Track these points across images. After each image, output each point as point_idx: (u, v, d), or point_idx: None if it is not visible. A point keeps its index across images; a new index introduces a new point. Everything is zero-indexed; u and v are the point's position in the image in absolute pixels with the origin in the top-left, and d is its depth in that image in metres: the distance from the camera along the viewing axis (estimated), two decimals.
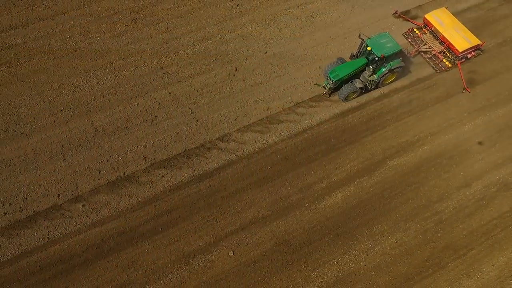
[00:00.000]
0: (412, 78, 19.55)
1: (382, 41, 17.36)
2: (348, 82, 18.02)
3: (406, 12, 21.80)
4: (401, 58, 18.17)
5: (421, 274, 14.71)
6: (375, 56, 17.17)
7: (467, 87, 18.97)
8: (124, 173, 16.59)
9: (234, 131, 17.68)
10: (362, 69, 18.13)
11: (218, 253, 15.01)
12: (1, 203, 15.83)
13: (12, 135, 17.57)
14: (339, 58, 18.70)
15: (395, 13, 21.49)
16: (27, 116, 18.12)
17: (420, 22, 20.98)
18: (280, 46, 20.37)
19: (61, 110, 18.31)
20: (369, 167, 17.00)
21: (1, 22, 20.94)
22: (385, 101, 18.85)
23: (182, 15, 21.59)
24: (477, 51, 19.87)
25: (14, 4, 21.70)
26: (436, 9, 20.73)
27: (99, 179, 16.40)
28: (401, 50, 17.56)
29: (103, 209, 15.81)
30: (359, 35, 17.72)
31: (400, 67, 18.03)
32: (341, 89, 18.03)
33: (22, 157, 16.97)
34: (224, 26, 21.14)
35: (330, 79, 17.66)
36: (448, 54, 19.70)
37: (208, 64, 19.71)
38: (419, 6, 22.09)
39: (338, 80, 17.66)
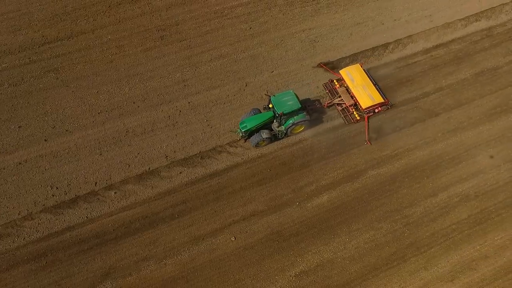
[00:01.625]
0: (399, 99, 22.67)
1: (284, 98, 19.43)
2: (258, 132, 19.89)
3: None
4: (305, 112, 20.10)
5: (387, 265, 17.90)
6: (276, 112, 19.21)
7: (369, 141, 20.78)
8: (149, 168, 20.15)
9: None
10: (271, 121, 20.00)
11: (222, 237, 18.45)
12: (50, 187, 19.55)
13: (58, 131, 21.30)
14: (253, 109, 20.57)
15: (319, 64, 23.14)
16: (70, 116, 21.83)
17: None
18: (285, 67, 23.67)
19: (98, 113, 21.97)
20: (352, 175, 20.23)
21: (50, 35, 24.74)
22: (373, 119, 21.99)
23: (202, 34, 25.07)
24: (384, 107, 21.46)
25: (60, 19, 25.51)
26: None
27: (128, 172, 19.99)
28: (300, 107, 19.32)
29: (131, 197, 19.39)
30: (266, 92, 20.62)
31: (304, 120, 20.00)
32: (251, 138, 19.98)
33: (67, 150, 20.67)
34: (238, 46, 24.55)
35: (240, 130, 19.73)
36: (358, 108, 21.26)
37: (222, 79, 23.15)
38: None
39: (247, 130, 19.62)
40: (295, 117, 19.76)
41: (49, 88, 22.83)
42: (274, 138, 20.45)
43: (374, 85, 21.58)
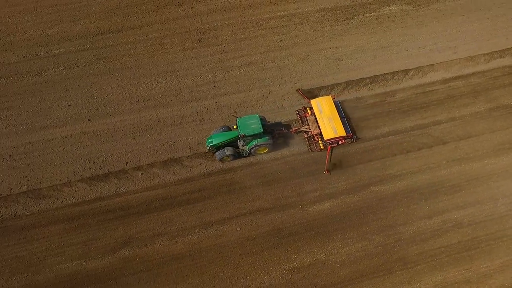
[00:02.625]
0: (407, 125, 24.04)
1: (249, 122, 21.03)
2: (223, 147, 21.56)
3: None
4: (269, 136, 21.53)
5: (374, 274, 19.52)
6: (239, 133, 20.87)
7: (327, 170, 21.78)
8: (174, 156, 22.72)
9: None
10: (236, 139, 21.53)
11: (229, 226, 20.72)
12: (88, 161, 22.54)
13: (100, 113, 24.31)
14: (223, 126, 22.32)
15: (297, 90, 24.32)
16: (112, 101, 24.79)
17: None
18: (307, 80, 25.59)
19: (136, 101, 24.80)
20: (355, 188, 21.91)
21: (103, 27, 27.89)
22: (383, 140, 23.50)
23: (237, 41, 27.40)
24: (348, 140, 22.53)
25: (114, 14, 28.63)
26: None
27: (155, 157, 22.66)
28: (261, 132, 20.77)
29: (155, 179, 22.05)
30: (234, 114, 22.21)
31: (267, 144, 21.48)
32: (216, 153, 21.69)
33: (105, 131, 23.63)
34: (267, 56, 26.70)
35: (207, 145, 21.57)
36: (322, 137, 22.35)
37: (249, 84, 25.38)
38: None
39: (213, 146, 21.39)
40: (258, 139, 21.31)
41: (97, 74, 25.91)
42: (238, 155, 22.00)
43: (342, 118, 22.75)
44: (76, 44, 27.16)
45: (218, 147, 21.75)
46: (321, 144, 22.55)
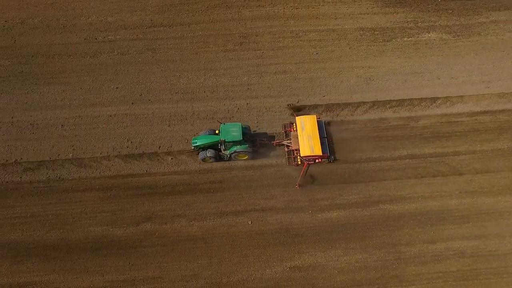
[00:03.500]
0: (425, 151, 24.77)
1: (231, 129, 22.65)
2: (206, 149, 23.07)
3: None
4: (249, 145, 22.91)
5: (369, 286, 20.68)
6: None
7: (299, 185, 22.86)
8: None
9: None
10: (218, 143, 22.95)
11: (242, 219, 22.58)
12: (127, 140, 25.16)
13: (143, 99, 26.87)
14: (209, 129, 23.71)
15: (289, 105, 25.46)
16: (154, 89, 27.28)
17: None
18: (336, 95, 26.87)
19: (176, 92, 27.17)
20: (364, 202, 23.07)
21: (156, 20, 30.50)
22: (399, 162, 24.40)
23: (275, 49, 29.11)
24: (324, 160, 23.35)
25: (167, 9, 31.19)
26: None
27: (185, 145, 24.87)
28: (241, 140, 22.27)
29: (182, 165, 24.29)
30: (219, 120, 23.52)
31: (246, 151, 22.85)
32: (200, 153, 23.22)
33: (145, 116, 26.16)
34: (301, 66, 28.22)
35: (192, 144, 23.21)
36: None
37: (280, 91, 27.04)
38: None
39: (196, 146, 23.02)
40: (238, 146, 22.81)
41: (145, 63, 28.53)
42: (219, 158, 23.52)
43: (323, 138, 23.63)
44: (131, 33, 29.92)
45: (202, 148, 23.39)
46: (298, 160, 23.64)
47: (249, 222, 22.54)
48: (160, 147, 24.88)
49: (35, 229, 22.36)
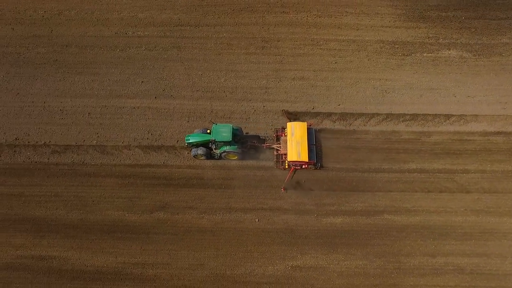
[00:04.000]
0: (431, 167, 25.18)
1: (222, 129, 23.76)
2: (198, 146, 24.33)
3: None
4: (238, 146, 24.01)
5: None
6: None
7: (284, 188, 23.86)
8: None
9: None
10: (209, 142, 24.12)
11: (249, 216, 23.65)
12: (147, 131, 26.59)
13: (165, 94, 28.25)
14: (204, 128, 24.93)
15: (283, 110, 26.42)
16: (177, 86, 28.63)
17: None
18: (351, 105, 27.57)
19: (196, 90, 28.46)
20: (369, 211, 23.76)
21: (184, 19, 31.84)
22: (407, 175, 24.94)
23: (295, 55, 30.01)
24: (311, 166, 24.26)
25: (195, 9, 32.49)
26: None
27: None
28: (230, 141, 23.43)
29: (197, 160, 25.53)
30: (211, 120, 24.89)
31: (235, 152, 23.97)
32: (192, 149, 24.57)
33: (166, 110, 27.53)
34: (319, 74, 29.02)
35: (185, 141, 24.51)
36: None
37: (296, 97, 27.94)
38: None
39: (189, 143, 24.38)
40: (228, 146, 23.93)
41: (170, 60, 29.92)
42: (210, 156, 24.77)
43: (311, 145, 24.48)
44: (159, 30, 31.38)
45: (195, 145, 24.63)
46: (286, 164, 24.46)
47: (256, 220, 23.58)
48: (178, 141, 26.18)
49: (58, 208, 24.05)
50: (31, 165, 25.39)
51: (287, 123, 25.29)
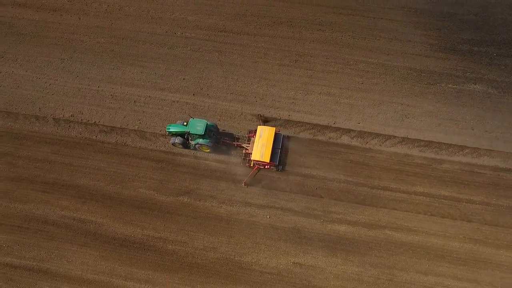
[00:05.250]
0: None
1: (197, 123, 26.50)
2: (177, 136, 27.22)
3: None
4: (210, 140, 26.59)
5: None
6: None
7: (245, 183, 26.36)
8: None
9: None
10: (185, 133, 26.83)
11: (262, 212, 26.33)
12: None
13: (202, 93, 31.36)
14: (184, 120, 27.69)
15: (259, 115, 28.86)
16: (213, 86, 31.68)
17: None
18: (369, 124, 29.55)
19: (230, 93, 31.39)
20: (372, 224, 25.79)
21: (228, 26, 34.78)
22: (413, 197, 26.68)
23: (325, 71, 32.28)
24: (272, 167, 26.60)
25: (239, 18, 35.39)
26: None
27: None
28: (202, 134, 26.13)
29: (223, 156, 28.44)
30: (189, 114, 27.83)
31: (207, 145, 26.69)
32: (172, 138, 27.47)
33: (201, 107, 30.63)
34: (345, 92, 31.15)
35: (166, 130, 27.52)
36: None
37: (320, 111, 30.22)
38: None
39: (169, 132, 27.37)
40: (201, 139, 26.63)
41: (210, 62, 33.05)
42: (186, 146, 27.74)
43: (277, 148, 26.93)
44: (204, 34, 34.59)
45: (174, 134, 27.67)
46: (252, 162, 26.94)
47: (268, 216, 26.24)
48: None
49: (99, 180, 27.78)
50: (81, 140, 29.33)
51: (258, 126, 27.83)
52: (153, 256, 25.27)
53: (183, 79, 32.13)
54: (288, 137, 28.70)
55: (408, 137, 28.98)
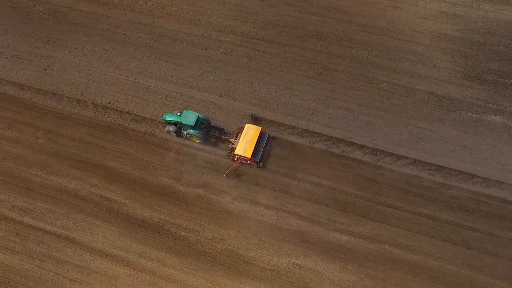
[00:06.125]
0: None
1: (189, 115, 28.63)
2: (171, 125, 29.60)
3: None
4: (200, 132, 28.58)
5: None
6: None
7: (226, 174, 28.48)
8: None
9: None
10: (178, 123, 29.14)
11: (270, 212, 28.18)
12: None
13: (229, 95, 33.40)
14: (179, 110, 30.19)
15: (250, 113, 30.93)
16: (239, 90, 33.61)
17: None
18: (384, 143, 30.63)
19: (255, 98, 33.30)
20: (373, 238, 27.06)
21: (260, 34, 36.66)
22: (417, 217, 27.71)
23: (347, 87, 33.61)
24: (254, 163, 28.30)
25: (271, 27, 37.21)
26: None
27: None
28: (193, 126, 28.19)
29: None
30: (185, 107, 30.22)
31: (197, 136, 28.82)
32: (167, 126, 29.80)
33: (226, 108, 32.71)
34: (364, 109, 32.37)
35: (163, 118, 29.84)
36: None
37: (337, 124, 31.62)
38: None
39: (165, 121, 29.82)
40: (192, 130, 28.61)
41: (239, 66, 35.12)
42: (179, 135, 30.27)
43: (260, 146, 28.85)
44: (237, 39, 36.71)
45: (169, 123, 30.06)
46: (235, 157, 28.85)
47: (275, 218, 28.06)
48: (225, 137, 31.35)
49: (126, 164, 30.53)
50: (115, 126, 32.20)
51: (246, 124, 29.83)
52: (166, 240, 27.69)
53: (213, 80, 34.39)
54: (273, 139, 30.65)
55: (420, 159, 29.92)
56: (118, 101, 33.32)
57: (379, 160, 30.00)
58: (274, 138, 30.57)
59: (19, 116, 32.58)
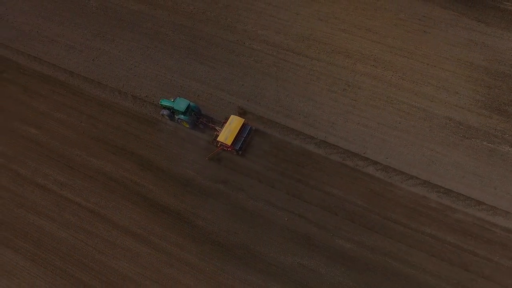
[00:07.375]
0: None
1: (181, 102, 32.11)
2: (165, 110, 33.19)
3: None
4: (189, 118, 32.13)
5: None
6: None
7: (208, 158, 31.97)
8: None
9: None
10: (170, 108, 32.57)
11: (281, 214, 30.44)
12: None
13: (255, 100, 35.95)
14: (176, 97, 33.51)
15: (238, 107, 34.24)
16: (265, 97, 36.07)
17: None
18: (397, 161, 32.27)
19: (279, 106, 35.66)
20: (375, 249, 28.81)
21: (290, 45, 38.97)
22: (420, 235, 29.23)
23: (368, 105, 35.33)
24: (233, 151, 31.38)
25: (301, 40, 39.40)
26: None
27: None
28: (183, 112, 31.79)
29: (262, 159, 32.95)
30: (179, 95, 33.97)
31: (186, 121, 32.26)
32: (162, 110, 33.54)
33: (252, 113, 35.24)
34: (381, 127, 34.04)
35: (160, 102, 33.41)
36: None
37: (354, 139, 33.41)
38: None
39: (161, 105, 33.42)
40: (182, 115, 32.17)
41: (267, 74, 37.52)
42: (172, 118, 33.69)
43: (242, 136, 31.89)
44: (269, 48, 39.13)
45: (163, 108, 33.58)
46: (218, 143, 31.99)
47: (285, 219, 30.33)
48: (246, 138, 33.85)
49: (156, 154, 33.57)
50: (150, 118, 35.32)
51: (231, 116, 32.91)
52: (185, 226, 30.50)
53: (242, 85, 36.96)
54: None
55: (430, 181, 31.35)
56: (155, 96, 36.43)
57: (390, 177, 31.65)
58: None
59: (67, 100, 36.30)
